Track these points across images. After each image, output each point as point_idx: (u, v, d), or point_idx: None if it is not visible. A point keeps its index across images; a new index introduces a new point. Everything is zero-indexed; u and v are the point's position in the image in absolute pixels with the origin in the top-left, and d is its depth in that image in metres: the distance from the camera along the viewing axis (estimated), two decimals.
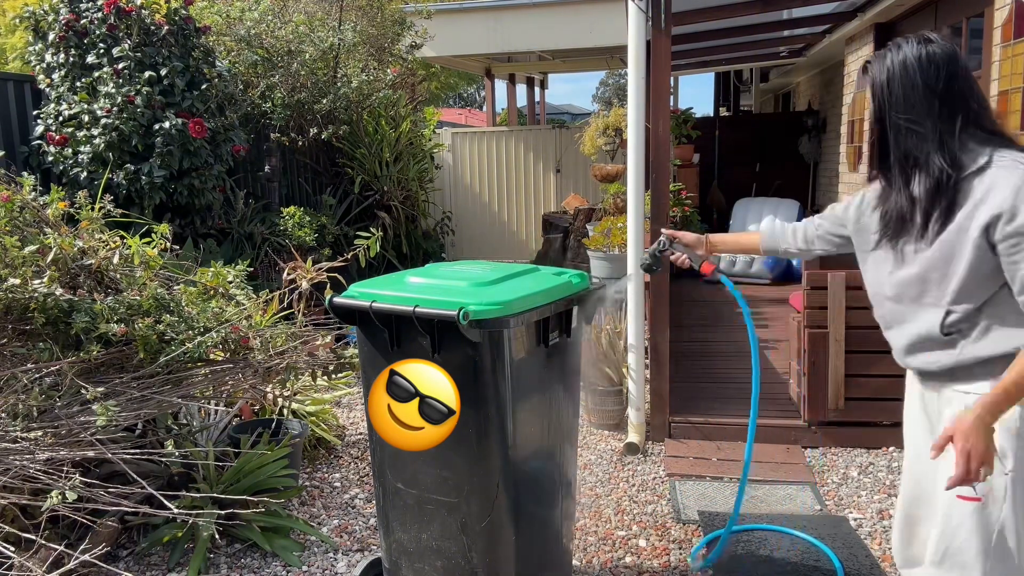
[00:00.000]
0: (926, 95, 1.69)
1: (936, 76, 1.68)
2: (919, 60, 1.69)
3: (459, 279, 2.22)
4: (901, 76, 1.71)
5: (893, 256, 1.82)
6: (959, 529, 1.72)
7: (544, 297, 2.19)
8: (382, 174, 7.57)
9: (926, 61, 1.69)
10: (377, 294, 2.16)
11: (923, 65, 1.69)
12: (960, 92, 1.69)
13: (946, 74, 1.68)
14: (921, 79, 1.69)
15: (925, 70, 1.69)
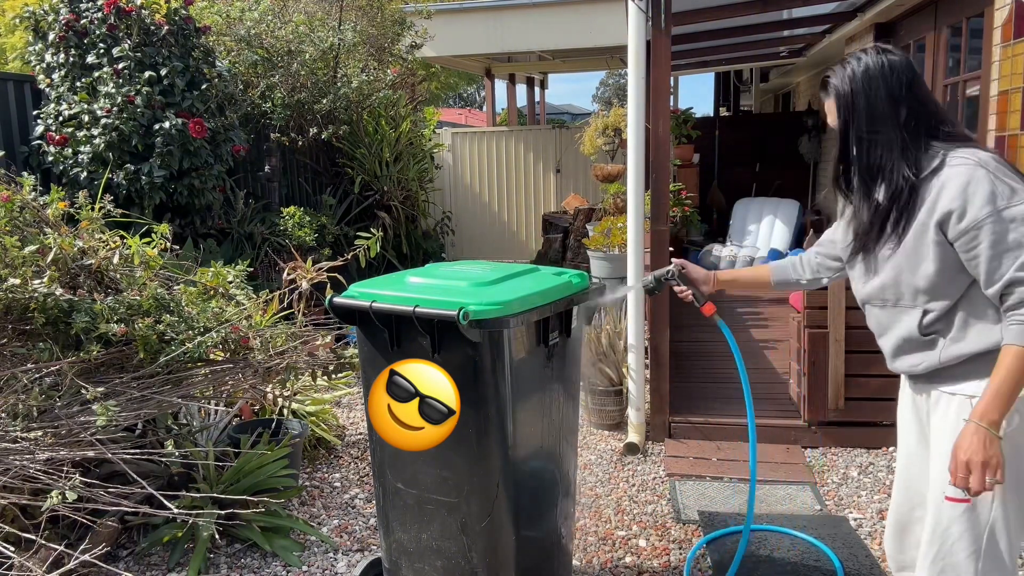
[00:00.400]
0: (890, 103, 1.72)
1: (898, 84, 1.72)
2: (881, 69, 1.73)
3: (459, 279, 2.22)
4: (865, 87, 1.74)
5: (868, 266, 1.85)
6: (949, 531, 1.72)
7: (544, 297, 2.19)
8: (382, 174, 7.57)
9: (888, 70, 1.73)
10: (377, 294, 2.16)
11: (885, 74, 1.73)
12: (919, 98, 1.73)
13: (907, 81, 1.72)
14: (884, 88, 1.72)
15: (888, 78, 1.72)
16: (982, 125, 4.62)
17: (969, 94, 5.02)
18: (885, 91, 1.72)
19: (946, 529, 1.73)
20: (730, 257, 7.94)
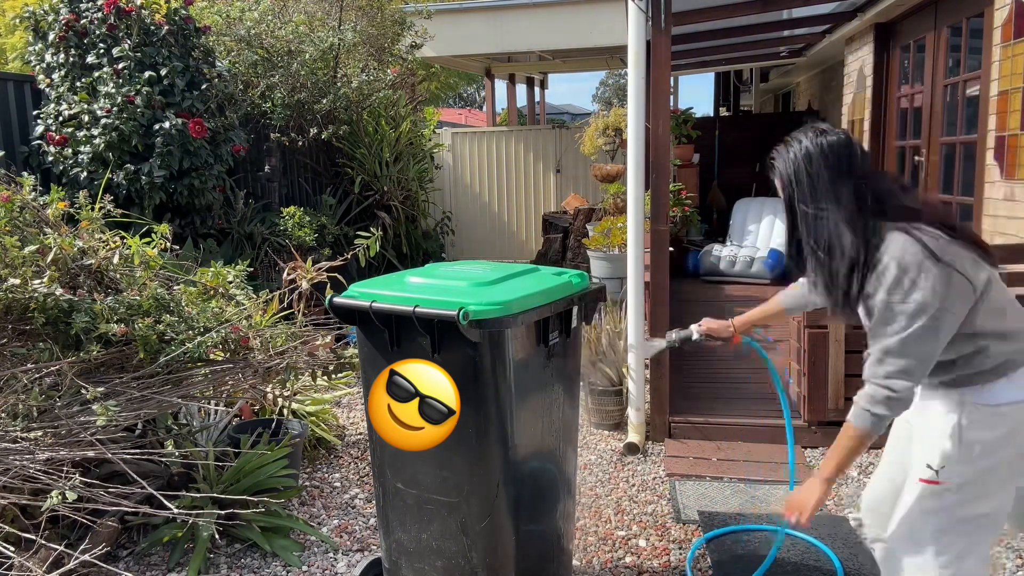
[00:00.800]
0: (831, 183, 1.83)
1: (837, 164, 1.83)
2: (820, 151, 1.85)
3: (459, 279, 2.22)
4: (806, 167, 1.86)
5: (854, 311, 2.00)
6: (917, 509, 1.89)
7: (544, 297, 2.19)
8: (382, 174, 7.57)
9: (827, 150, 1.84)
10: (377, 294, 2.16)
11: (825, 155, 1.84)
12: (861, 176, 1.83)
13: (846, 161, 1.84)
14: (825, 169, 1.84)
15: (827, 159, 1.84)
16: (982, 125, 4.62)
17: (969, 94, 5.02)
18: (826, 173, 1.83)
19: (913, 507, 1.90)
20: (730, 257, 7.94)
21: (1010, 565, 2.79)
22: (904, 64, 6.41)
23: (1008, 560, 2.82)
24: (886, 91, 6.62)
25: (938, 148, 5.53)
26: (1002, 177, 4.30)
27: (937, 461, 1.84)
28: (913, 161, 6.01)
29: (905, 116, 6.30)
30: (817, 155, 1.85)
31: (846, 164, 1.83)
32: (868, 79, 6.80)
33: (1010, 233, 4.21)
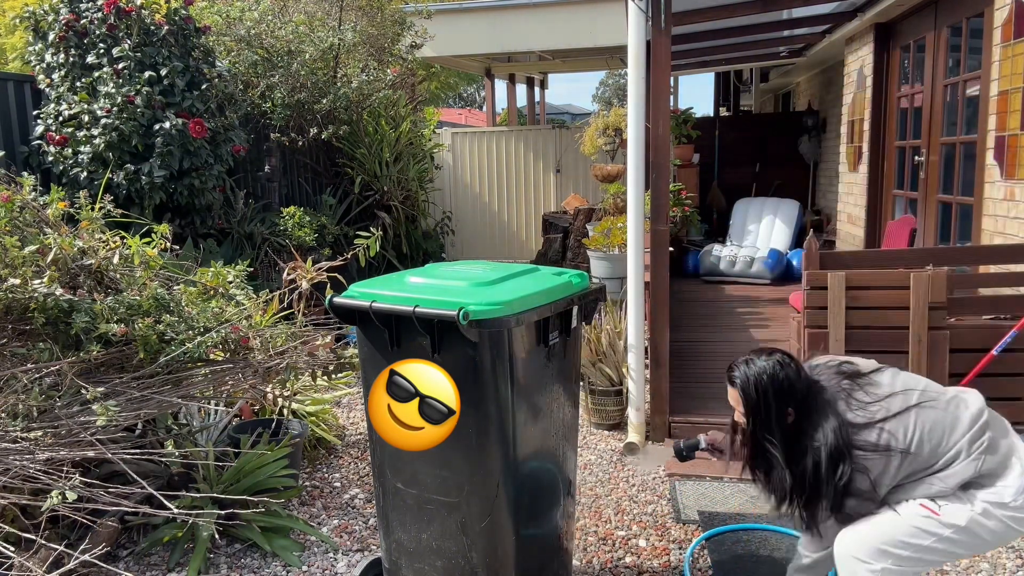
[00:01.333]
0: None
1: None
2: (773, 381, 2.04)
3: (459, 279, 2.22)
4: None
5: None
6: (902, 517, 2.01)
7: (544, 297, 2.19)
8: (382, 174, 7.57)
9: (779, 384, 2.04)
10: (377, 294, 2.16)
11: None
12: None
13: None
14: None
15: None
16: (982, 125, 4.62)
17: (969, 94, 5.02)
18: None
19: (903, 515, 2.01)
20: (730, 257, 7.94)
21: (1010, 565, 2.78)
22: (904, 64, 6.41)
23: (1008, 560, 2.82)
24: (886, 91, 6.62)
25: (938, 148, 5.53)
26: (1002, 177, 4.30)
27: (944, 499, 1.98)
28: (913, 161, 6.01)
29: (905, 116, 6.30)
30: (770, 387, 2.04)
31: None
32: (868, 79, 6.79)
33: (1010, 233, 4.21)
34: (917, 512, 1.97)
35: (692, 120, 8.95)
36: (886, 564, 1.98)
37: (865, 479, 1.93)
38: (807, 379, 2.06)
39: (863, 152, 6.94)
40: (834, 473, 1.94)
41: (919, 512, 1.97)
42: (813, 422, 1.99)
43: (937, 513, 1.94)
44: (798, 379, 2.04)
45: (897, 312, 3.73)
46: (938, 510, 1.95)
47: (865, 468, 1.93)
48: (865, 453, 1.93)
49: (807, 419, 2.01)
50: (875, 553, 1.99)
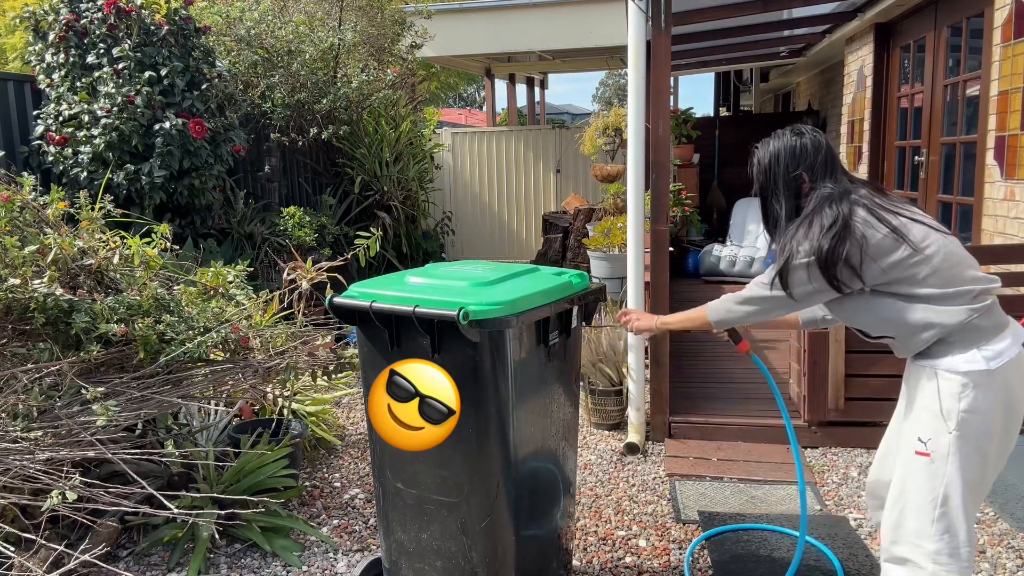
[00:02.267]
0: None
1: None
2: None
3: (459, 279, 2.22)
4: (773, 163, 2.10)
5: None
6: (911, 479, 1.99)
7: (544, 297, 2.19)
8: (382, 174, 7.57)
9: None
10: (377, 294, 2.16)
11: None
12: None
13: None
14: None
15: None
16: (982, 125, 4.62)
17: (969, 94, 5.02)
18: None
19: (909, 477, 2.00)
20: (730, 257, 7.94)
21: (1011, 565, 2.78)
22: (904, 64, 6.41)
23: (1008, 560, 2.82)
24: (886, 91, 6.62)
25: (938, 148, 5.53)
26: (1002, 177, 4.30)
27: (925, 433, 1.96)
28: (913, 161, 6.01)
29: (905, 116, 6.30)
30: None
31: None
32: (868, 79, 6.79)
33: (1010, 233, 4.21)
34: (918, 467, 1.96)
35: (692, 120, 8.95)
36: (942, 530, 1.93)
37: (857, 251, 1.91)
38: (831, 154, 2.06)
39: (863, 152, 6.94)
40: (831, 215, 1.94)
41: (919, 464, 1.96)
42: (826, 191, 2.01)
43: (928, 454, 1.95)
44: (819, 148, 2.05)
45: None
46: (927, 450, 1.95)
47: (864, 238, 1.91)
48: (875, 222, 1.92)
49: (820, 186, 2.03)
50: (924, 534, 1.95)
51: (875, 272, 1.93)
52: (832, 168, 2.04)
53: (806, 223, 1.98)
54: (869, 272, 1.93)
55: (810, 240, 1.94)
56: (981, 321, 1.92)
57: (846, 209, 1.94)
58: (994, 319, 1.95)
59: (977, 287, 1.94)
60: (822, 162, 2.03)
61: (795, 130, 2.10)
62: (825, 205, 1.97)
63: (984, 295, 1.95)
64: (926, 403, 1.97)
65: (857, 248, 1.91)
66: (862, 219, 1.93)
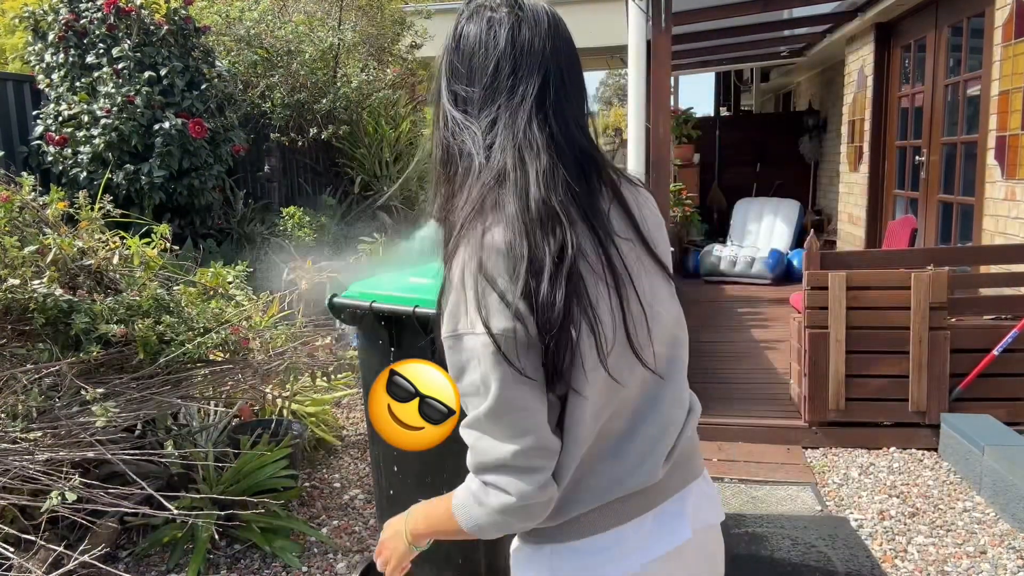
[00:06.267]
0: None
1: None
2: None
3: None
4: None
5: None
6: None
7: None
8: (382, 174, 7.56)
9: None
10: (377, 294, 2.15)
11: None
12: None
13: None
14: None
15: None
16: (983, 125, 4.62)
17: (970, 94, 5.01)
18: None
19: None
20: (731, 257, 7.94)
21: (1011, 566, 2.78)
22: (905, 64, 6.41)
23: (1009, 560, 2.81)
24: (887, 91, 6.62)
25: (939, 148, 5.53)
26: (1003, 177, 4.29)
27: None
28: (914, 161, 6.01)
29: (906, 116, 6.30)
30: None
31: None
32: (869, 79, 6.79)
33: (1011, 233, 4.21)
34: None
35: (692, 120, 8.95)
36: None
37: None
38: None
39: (864, 152, 6.93)
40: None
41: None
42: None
43: None
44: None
45: (898, 312, 3.73)
46: None
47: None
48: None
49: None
50: None
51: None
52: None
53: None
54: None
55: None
56: (580, 507, 1.11)
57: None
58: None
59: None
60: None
61: None
62: None
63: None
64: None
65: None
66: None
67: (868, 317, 3.76)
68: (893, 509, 3.22)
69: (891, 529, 3.07)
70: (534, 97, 1.03)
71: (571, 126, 1.06)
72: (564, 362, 0.98)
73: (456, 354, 1.04)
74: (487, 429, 1.10)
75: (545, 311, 0.96)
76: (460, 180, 1.06)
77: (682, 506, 1.14)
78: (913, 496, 3.34)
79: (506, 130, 1.03)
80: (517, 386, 1.00)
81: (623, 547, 1.09)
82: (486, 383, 1.02)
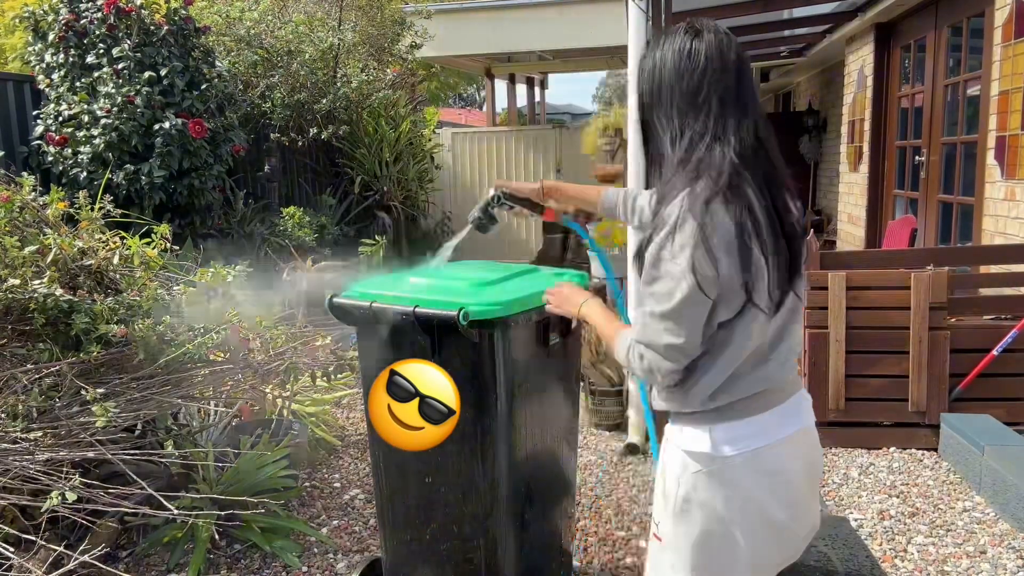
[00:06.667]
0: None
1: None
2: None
3: (459, 279, 2.22)
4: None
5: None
6: (651, 565, 1.65)
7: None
8: (382, 174, 7.56)
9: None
10: (377, 294, 2.15)
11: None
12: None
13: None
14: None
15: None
16: (983, 125, 4.62)
17: (970, 94, 5.02)
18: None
19: (649, 559, 1.66)
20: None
21: (1011, 566, 2.78)
22: (905, 64, 6.41)
23: (1009, 560, 2.81)
24: (887, 91, 6.62)
25: (939, 148, 5.53)
26: (1003, 177, 4.30)
27: (656, 513, 1.59)
28: (914, 161, 6.01)
29: (906, 116, 6.30)
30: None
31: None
32: (869, 79, 6.79)
33: (1011, 233, 4.21)
34: (653, 551, 1.63)
35: None
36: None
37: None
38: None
39: (864, 152, 6.93)
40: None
41: (654, 548, 1.62)
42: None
43: (660, 539, 1.58)
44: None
45: (898, 312, 3.73)
46: (659, 534, 1.58)
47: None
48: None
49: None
50: None
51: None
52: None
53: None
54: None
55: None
56: (734, 396, 1.47)
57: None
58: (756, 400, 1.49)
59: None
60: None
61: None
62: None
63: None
64: (659, 478, 1.59)
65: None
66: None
67: (868, 317, 3.76)
68: (893, 509, 3.22)
69: (891, 529, 3.07)
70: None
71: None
72: (751, 294, 1.38)
73: (655, 269, 1.39)
74: (657, 321, 1.42)
75: (741, 259, 1.35)
76: (684, 157, 1.42)
77: (798, 405, 1.56)
78: (913, 496, 3.34)
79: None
80: (692, 306, 1.37)
81: (763, 427, 1.49)
82: (671, 295, 1.37)
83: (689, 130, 1.41)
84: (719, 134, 1.40)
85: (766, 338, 1.47)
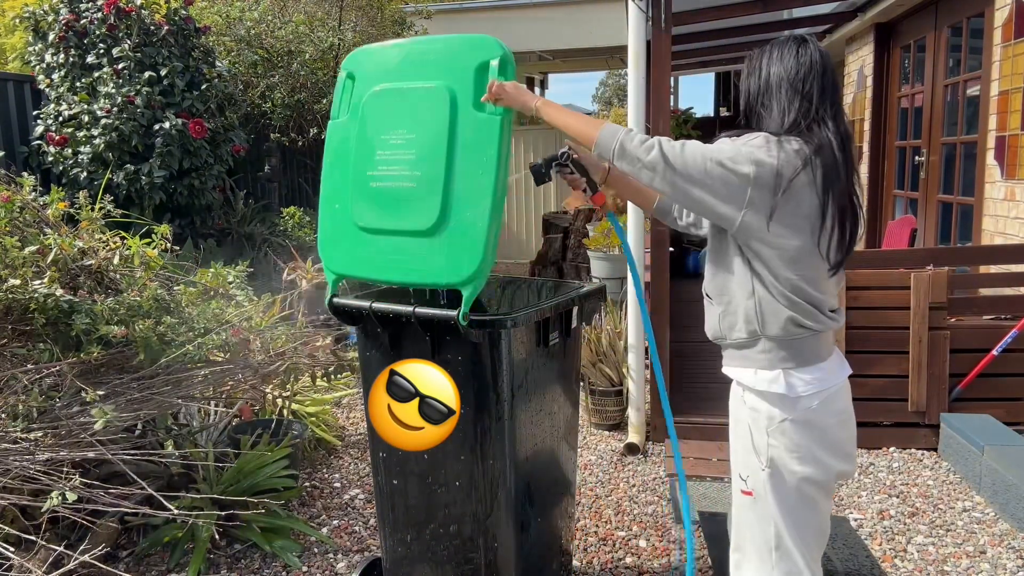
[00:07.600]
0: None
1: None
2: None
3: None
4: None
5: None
6: (741, 521, 1.87)
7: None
8: None
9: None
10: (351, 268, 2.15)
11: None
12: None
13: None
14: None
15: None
16: (982, 125, 4.62)
17: (969, 94, 5.02)
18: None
19: (740, 519, 1.87)
20: None
21: (1011, 565, 2.78)
22: (904, 64, 6.41)
23: (1009, 560, 2.82)
24: (886, 91, 6.62)
25: (939, 148, 5.53)
26: (1003, 177, 4.30)
27: (743, 469, 1.81)
28: (913, 161, 6.01)
29: (906, 116, 6.30)
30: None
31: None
32: (868, 79, 6.79)
33: (1011, 233, 4.21)
34: (745, 506, 1.84)
35: (692, 120, 8.95)
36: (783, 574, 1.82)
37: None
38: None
39: (863, 152, 6.94)
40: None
41: (745, 504, 1.84)
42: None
43: (751, 493, 1.80)
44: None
45: (897, 312, 3.73)
46: (749, 488, 1.80)
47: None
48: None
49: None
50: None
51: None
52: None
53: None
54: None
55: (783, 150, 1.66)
56: (805, 341, 1.76)
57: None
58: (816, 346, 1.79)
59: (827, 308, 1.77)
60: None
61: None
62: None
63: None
64: (739, 432, 1.81)
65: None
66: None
67: (868, 317, 3.76)
68: (893, 509, 3.22)
69: (891, 529, 3.07)
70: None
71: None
72: (818, 241, 1.69)
73: (736, 141, 1.67)
74: (698, 154, 1.66)
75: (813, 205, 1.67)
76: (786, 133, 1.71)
77: (840, 355, 1.89)
78: (913, 496, 3.34)
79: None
80: (725, 179, 1.64)
81: (826, 372, 1.81)
82: (723, 151, 1.66)
83: (794, 112, 1.70)
84: (820, 117, 1.69)
85: (830, 291, 1.77)
